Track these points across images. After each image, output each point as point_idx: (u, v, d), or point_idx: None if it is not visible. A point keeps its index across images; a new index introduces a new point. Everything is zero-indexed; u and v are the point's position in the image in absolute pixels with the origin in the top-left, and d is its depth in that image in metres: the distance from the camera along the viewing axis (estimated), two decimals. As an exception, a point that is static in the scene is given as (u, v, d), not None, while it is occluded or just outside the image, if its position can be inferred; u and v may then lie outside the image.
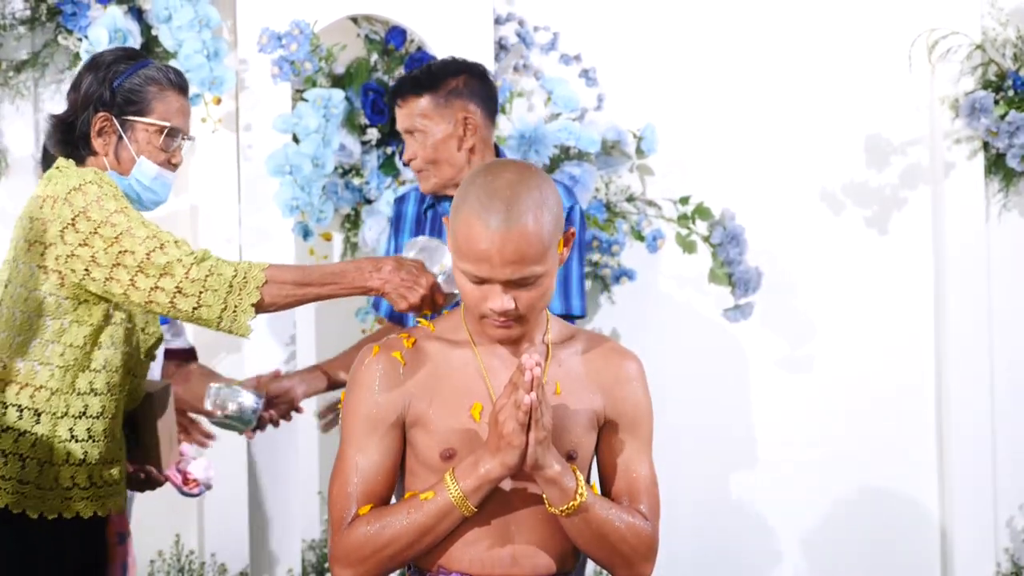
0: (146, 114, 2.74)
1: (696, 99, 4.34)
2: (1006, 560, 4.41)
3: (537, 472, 2.15)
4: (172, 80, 2.78)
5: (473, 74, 3.16)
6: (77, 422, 2.66)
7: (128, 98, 2.73)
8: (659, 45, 4.32)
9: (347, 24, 4.03)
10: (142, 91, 2.73)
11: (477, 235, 2.12)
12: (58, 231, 2.60)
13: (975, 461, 4.38)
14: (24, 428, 2.64)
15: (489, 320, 2.18)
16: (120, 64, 2.74)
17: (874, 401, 4.43)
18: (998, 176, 4.41)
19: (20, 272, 2.65)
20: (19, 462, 2.63)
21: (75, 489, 2.67)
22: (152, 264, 2.55)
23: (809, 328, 4.40)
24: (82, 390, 2.66)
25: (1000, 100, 4.28)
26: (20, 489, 2.63)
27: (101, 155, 2.74)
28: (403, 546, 2.17)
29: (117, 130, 2.73)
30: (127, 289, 2.57)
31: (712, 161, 4.34)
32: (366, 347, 2.29)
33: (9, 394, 2.65)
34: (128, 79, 2.73)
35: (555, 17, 4.22)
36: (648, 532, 2.25)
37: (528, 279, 2.15)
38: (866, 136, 4.45)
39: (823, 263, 4.42)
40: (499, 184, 2.15)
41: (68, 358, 2.64)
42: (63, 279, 2.62)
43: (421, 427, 2.22)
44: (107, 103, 2.72)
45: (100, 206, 2.59)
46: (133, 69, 2.74)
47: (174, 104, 2.77)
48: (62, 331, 2.64)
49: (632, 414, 2.29)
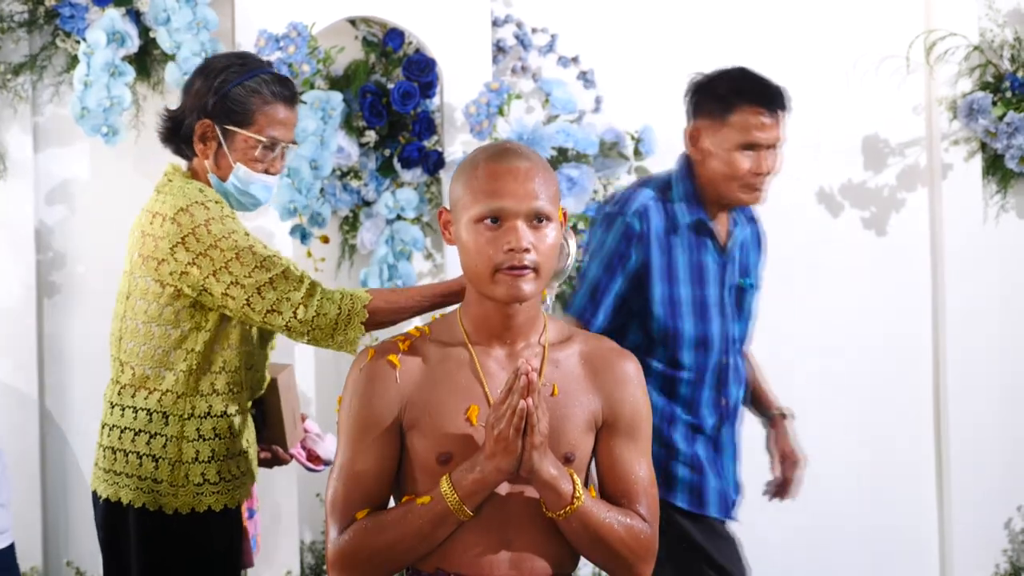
0: (246, 126, 2.84)
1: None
2: (1004, 561, 4.41)
3: (533, 476, 2.15)
4: (276, 92, 2.86)
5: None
6: (203, 422, 2.81)
7: (230, 108, 2.83)
8: (657, 47, 4.32)
9: (345, 26, 4.03)
10: (245, 103, 2.83)
11: (496, 171, 2.19)
12: (168, 248, 2.74)
13: (973, 462, 4.39)
14: (154, 430, 2.80)
15: (503, 273, 2.17)
16: (229, 73, 2.84)
17: (872, 402, 4.43)
18: (996, 177, 4.41)
19: (138, 284, 2.80)
20: (152, 462, 2.80)
21: (205, 485, 2.82)
22: (262, 299, 2.72)
23: (807, 328, 4.40)
24: (205, 391, 2.81)
25: (998, 101, 4.29)
26: (154, 488, 2.80)
27: (202, 158, 2.87)
28: (400, 551, 2.17)
29: (217, 137, 2.84)
30: (244, 308, 2.74)
31: (710, 163, 4.33)
32: (362, 351, 2.29)
33: (138, 399, 2.82)
34: (233, 89, 2.83)
35: (553, 19, 4.22)
36: (647, 534, 2.25)
37: (543, 213, 2.18)
38: (864, 137, 4.45)
39: (821, 264, 4.42)
40: (504, 143, 2.27)
41: (190, 362, 2.79)
42: (179, 292, 2.76)
43: (417, 431, 2.22)
44: (210, 111, 2.83)
45: (207, 230, 2.74)
46: (240, 79, 2.84)
47: (276, 116, 2.86)
48: (183, 338, 2.79)
49: (630, 415, 2.29)
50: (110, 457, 2.83)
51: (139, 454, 2.80)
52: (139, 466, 2.79)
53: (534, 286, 2.18)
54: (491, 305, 2.22)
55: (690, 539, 3.09)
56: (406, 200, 3.99)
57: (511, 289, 2.17)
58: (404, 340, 2.27)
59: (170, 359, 2.79)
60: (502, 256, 2.16)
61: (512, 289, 2.17)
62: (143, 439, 2.80)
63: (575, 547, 2.24)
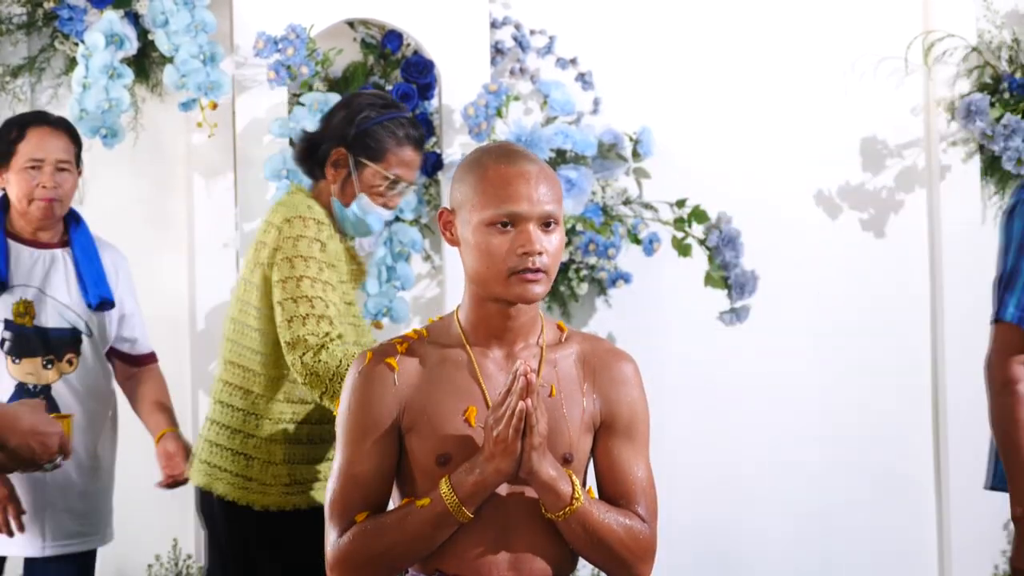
0: (377, 161, 3.07)
1: (692, 102, 4.34)
2: (1003, 562, 4.41)
3: (533, 478, 2.16)
4: (410, 136, 3.10)
5: None
6: (289, 427, 3.01)
7: (366, 143, 3.07)
8: (655, 48, 4.33)
9: (343, 28, 4.04)
10: (380, 140, 3.07)
11: (508, 174, 2.19)
12: (268, 255, 2.95)
13: (972, 463, 4.38)
14: (249, 431, 3.00)
15: (518, 276, 2.18)
16: (371, 111, 3.08)
17: (871, 403, 4.43)
18: (993, 178, 4.42)
19: (245, 288, 3.03)
20: (245, 460, 2.99)
21: (293, 486, 3.01)
22: (290, 328, 2.87)
23: (805, 331, 4.40)
24: (290, 398, 3.01)
25: (996, 103, 4.29)
26: (245, 485, 2.99)
27: (330, 182, 3.09)
28: (400, 553, 2.18)
29: (349, 166, 3.07)
30: (279, 326, 2.91)
31: (708, 164, 4.34)
32: (359, 354, 2.29)
33: (236, 398, 3.02)
34: (373, 126, 3.07)
35: (551, 21, 4.23)
36: (646, 534, 2.25)
37: (554, 217, 2.20)
38: (862, 139, 4.46)
39: (819, 266, 4.42)
40: (507, 144, 2.29)
41: (281, 368, 2.98)
42: (267, 297, 2.94)
43: (416, 432, 2.22)
44: (348, 142, 3.07)
45: (296, 243, 2.93)
46: (380, 118, 3.07)
47: (405, 157, 3.10)
48: (276, 344, 2.95)
49: (628, 416, 2.29)
50: (208, 450, 3.03)
51: (235, 451, 3.00)
52: (234, 462, 2.99)
53: (544, 288, 2.21)
54: (492, 307, 2.23)
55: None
56: (404, 201, 3.96)
57: (524, 291, 2.19)
58: (402, 342, 2.27)
59: (263, 363, 2.98)
60: (515, 260, 2.17)
61: (525, 291, 2.19)
62: (239, 438, 3.00)
63: (574, 548, 2.24)
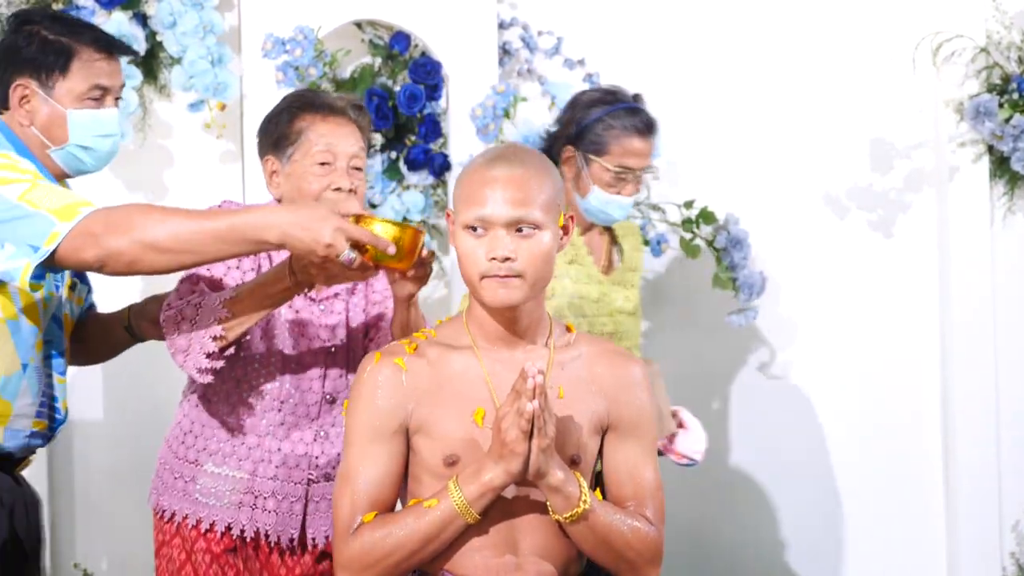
0: (601, 155, 3.19)
1: (700, 103, 4.34)
2: (1011, 564, 4.41)
3: (540, 479, 2.16)
4: (629, 125, 3.20)
5: None
6: None
7: (589, 139, 3.20)
8: (663, 49, 4.32)
9: (351, 29, 4.04)
10: (600, 135, 3.19)
11: (481, 178, 2.20)
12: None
13: (980, 464, 4.38)
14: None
15: (489, 279, 2.18)
16: (591, 108, 3.21)
17: (879, 405, 4.43)
18: (1003, 180, 4.40)
19: None
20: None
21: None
22: None
23: (813, 332, 4.40)
24: None
25: (1005, 103, 4.28)
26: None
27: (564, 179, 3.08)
28: (407, 553, 2.18)
29: (578, 163, 3.22)
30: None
31: (716, 165, 4.34)
32: (368, 354, 2.29)
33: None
34: (591, 122, 3.20)
35: (559, 22, 4.22)
36: (653, 536, 2.25)
37: (527, 222, 2.18)
38: (870, 140, 4.45)
39: (827, 267, 4.42)
40: (504, 146, 2.31)
41: None
42: None
43: (424, 433, 2.22)
44: (573, 140, 3.22)
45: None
46: (601, 113, 3.20)
47: (630, 147, 3.20)
48: None
49: (635, 418, 2.30)
50: None
51: None
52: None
53: (522, 292, 2.19)
54: (492, 308, 2.23)
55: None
56: (412, 203, 3.99)
57: (496, 295, 2.19)
58: (410, 343, 2.28)
59: None
60: (485, 264, 2.18)
61: (496, 295, 2.19)
62: None
63: (581, 550, 2.25)
